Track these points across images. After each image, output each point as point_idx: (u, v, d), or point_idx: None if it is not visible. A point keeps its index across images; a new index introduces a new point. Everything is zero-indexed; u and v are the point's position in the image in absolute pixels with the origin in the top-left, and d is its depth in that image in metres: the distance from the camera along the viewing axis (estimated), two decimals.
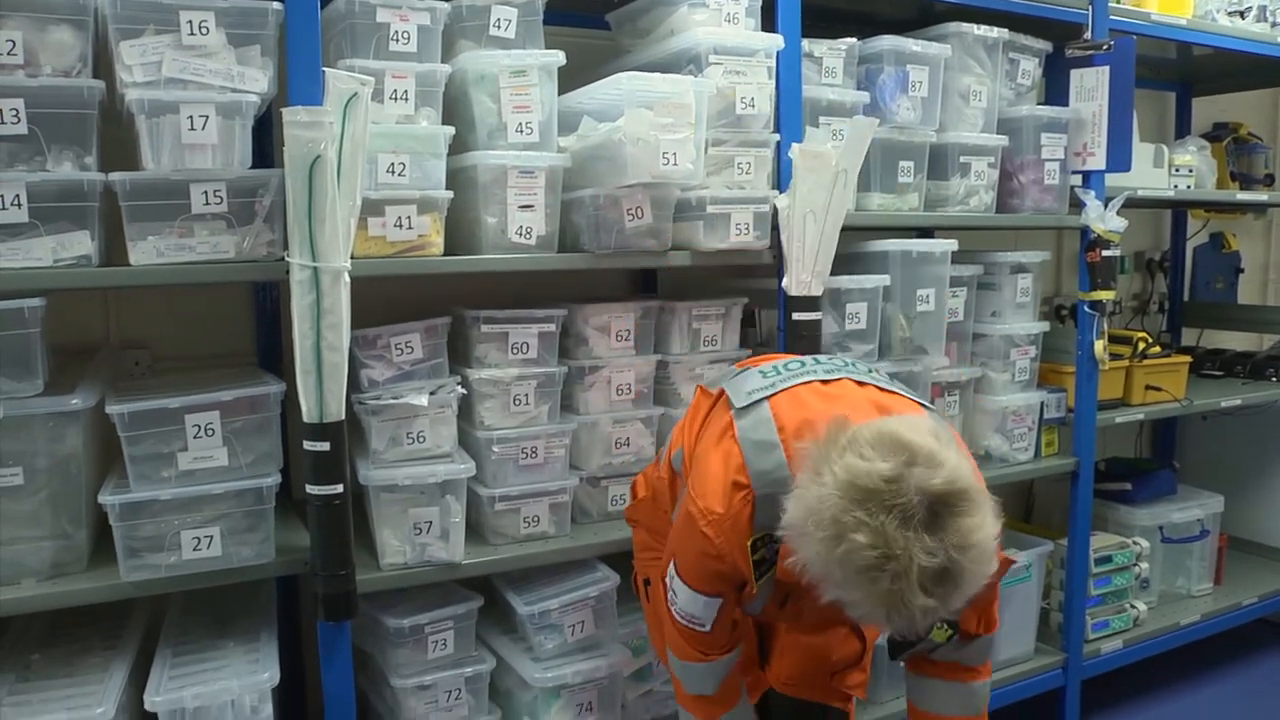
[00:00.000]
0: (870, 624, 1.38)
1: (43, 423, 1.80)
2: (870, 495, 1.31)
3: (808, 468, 1.40)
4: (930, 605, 1.31)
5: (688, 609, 1.64)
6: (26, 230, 1.74)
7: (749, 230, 2.26)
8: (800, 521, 1.36)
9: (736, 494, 1.54)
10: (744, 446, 1.56)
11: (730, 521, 1.54)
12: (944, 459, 1.34)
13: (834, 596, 1.37)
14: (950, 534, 1.31)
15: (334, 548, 1.90)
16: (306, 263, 1.78)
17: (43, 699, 1.81)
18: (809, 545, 1.35)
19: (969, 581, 1.33)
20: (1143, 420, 3.27)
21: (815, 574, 1.36)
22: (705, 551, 1.57)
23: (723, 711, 1.73)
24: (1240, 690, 3.43)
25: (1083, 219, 2.81)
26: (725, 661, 1.70)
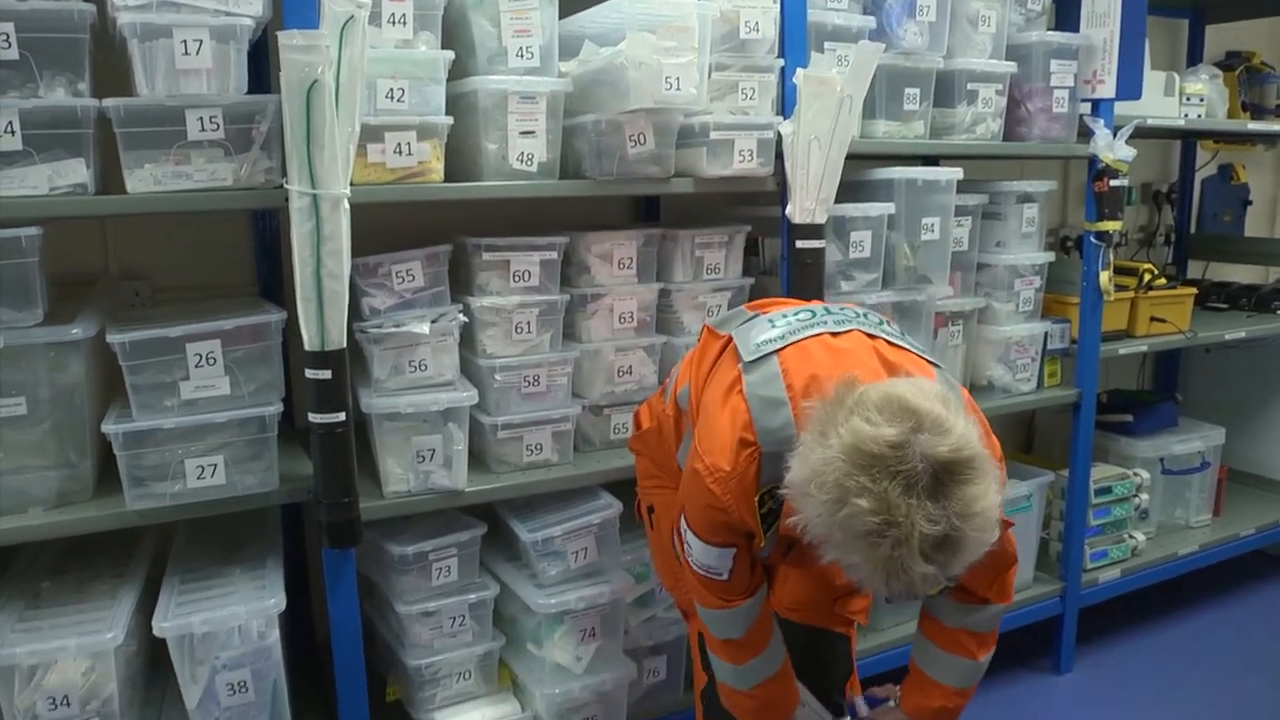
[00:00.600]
0: (868, 587, 1.37)
1: (44, 352, 1.80)
2: (875, 460, 1.30)
3: (813, 428, 1.39)
4: (930, 572, 1.30)
5: (703, 560, 1.65)
6: (21, 158, 1.73)
7: (752, 157, 2.24)
8: (803, 483, 1.36)
9: (743, 451, 1.53)
10: (751, 403, 1.55)
11: (737, 479, 1.54)
12: (951, 425, 1.33)
13: (834, 558, 1.37)
14: (954, 502, 1.30)
15: (337, 475, 1.90)
16: (305, 189, 1.76)
17: (53, 625, 1.83)
18: (811, 506, 1.35)
19: (970, 549, 1.32)
20: (1146, 352, 3.26)
21: (816, 535, 1.36)
22: (712, 505, 1.57)
23: (751, 656, 1.73)
24: (1236, 620, 3.47)
25: (1091, 148, 2.77)
26: (748, 607, 1.70)
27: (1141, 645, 3.30)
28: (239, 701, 1.90)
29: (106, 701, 1.80)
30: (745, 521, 1.57)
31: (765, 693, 1.76)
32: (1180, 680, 3.09)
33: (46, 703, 1.76)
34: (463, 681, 2.23)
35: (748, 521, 1.57)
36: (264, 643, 1.91)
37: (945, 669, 1.76)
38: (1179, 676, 3.11)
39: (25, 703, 1.76)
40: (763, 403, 1.54)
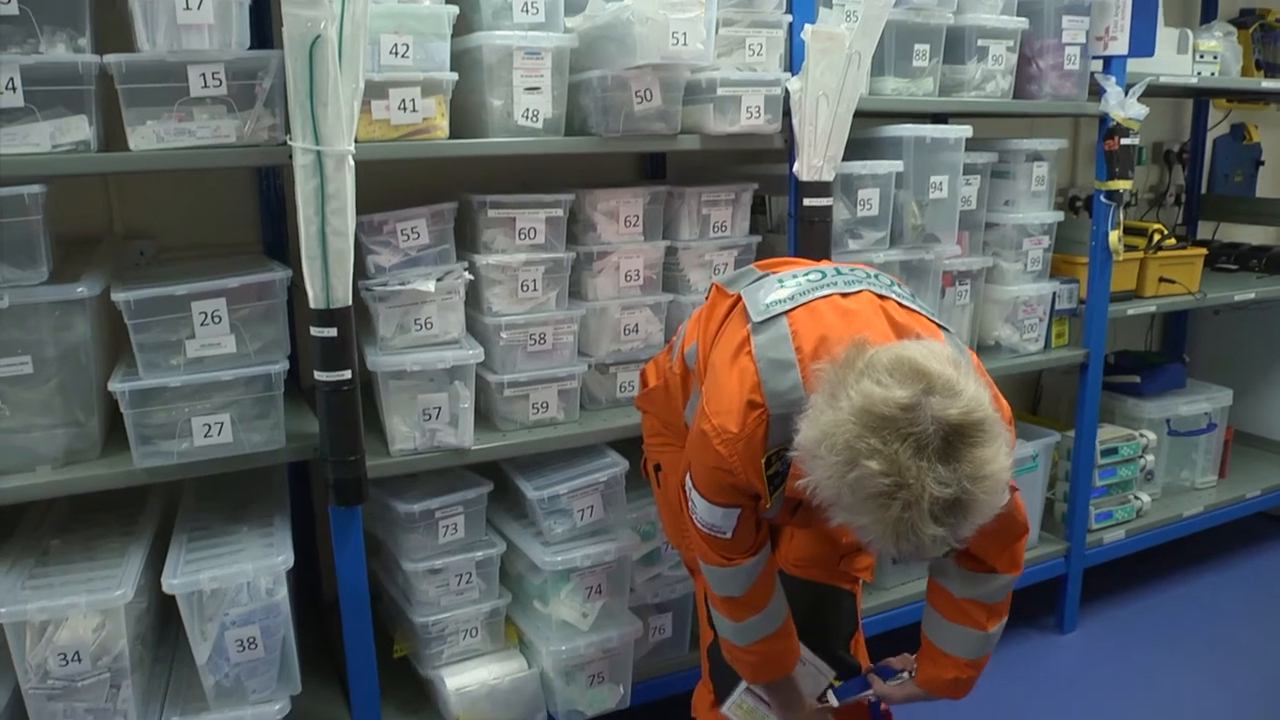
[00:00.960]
0: (877, 549, 1.37)
1: (49, 311, 1.80)
2: (885, 422, 1.29)
3: (823, 390, 1.38)
4: (939, 534, 1.30)
5: (707, 519, 1.65)
6: (23, 115, 1.71)
7: (760, 114, 2.22)
8: (813, 444, 1.35)
9: (751, 413, 1.52)
10: (760, 365, 1.53)
11: (744, 441, 1.53)
12: (962, 388, 1.32)
13: (843, 520, 1.37)
14: (964, 464, 1.29)
15: (344, 433, 1.91)
16: (309, 146, 1.75)
17: (63, 581, 1.84)
18: (820, 468, 1.34)
19: (980, 512, 1.32)
20: (1154, 313, 3.26)
21: (825, 497, 1.36)
22: (719, 467, 1.57)
23: (751, 614, 1.73)
24: (1239, 581, 3.49)
25: (1102, 105, 2.74)
26: (751, 565, 1.70)
27: (1145, 606, 3.32)
28: (248, 657, 1.92)
29: (117, 657, 1.81)
30: (751, 483, 1.57)
31: (764, 649, 1.77)
32: (1183, 640, 3.10)
33: (58, 658, 1.77)
34: (469, 638, 2.24)
35: (754, 483, 1.57)
36: (272, 599, 1.92)
37: (955, 641, 1.76)
38: (1182, 637, 3.13)
39: (37, 658, 1.77)
40: (771, 364, 1.53)
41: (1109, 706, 2.76)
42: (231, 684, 1.93)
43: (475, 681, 2.19)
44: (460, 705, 2.17)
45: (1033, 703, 2.78)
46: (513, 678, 2.22)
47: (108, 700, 1.83)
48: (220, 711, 1.92)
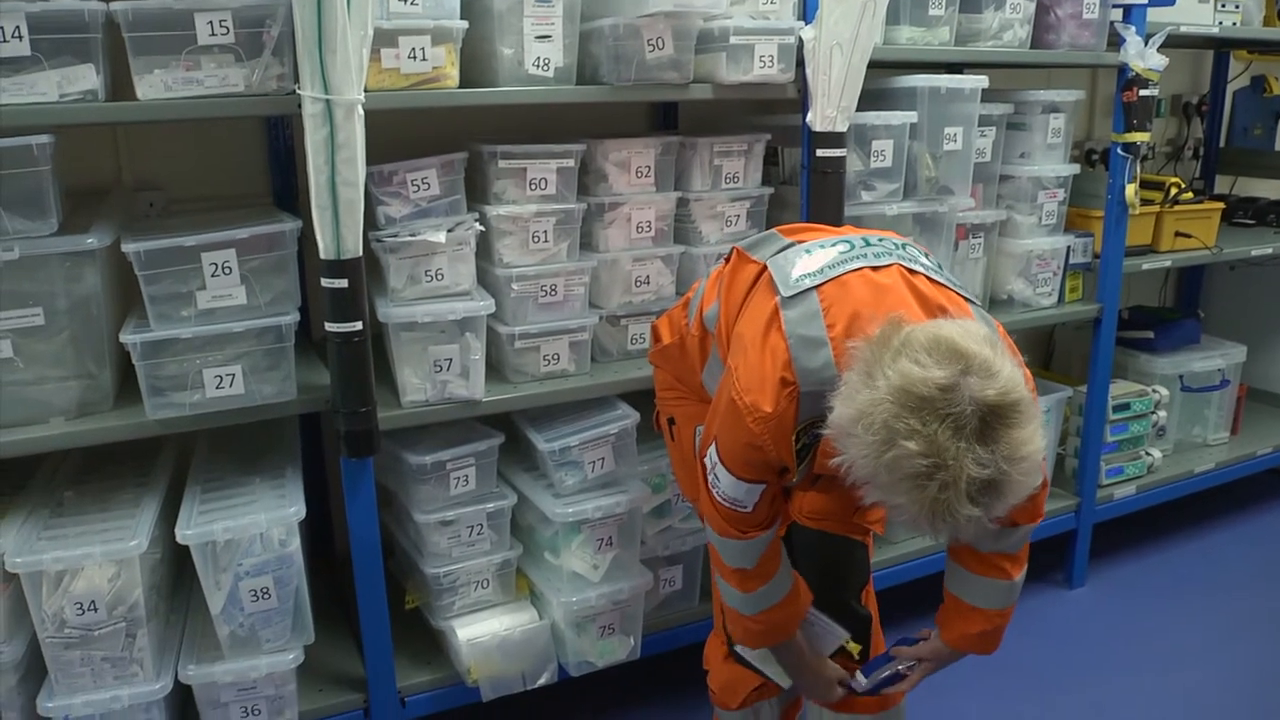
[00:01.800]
0: (912, 528, 1.37)
1: (59, 262, 1.80)
2: (924, 403, 1.28)
3: (858, 368, 1.38)
4: (975, 514, 1.30)
5: (731, 493, 1.64)
6: (29, 64, 1.70)
7: (773, 63, 2.19)
8: (848, 423, 1.34)
9: (783, 390, 1.52)
10: (791, 342, 1.52)
11: (777, 419, 1.53)
12: (999, 369, 1.31)
13: (877, 498, 1.37)
14: (1001, 445, 1.29)
15: (355, 385, 1.91)
16: (319, 95, 1.73)
17: (78, 532, 1.86)
18: (856, 447, 1.33)
19: (1015, 492, 1.32)
20: (1170, 268, 3.22)
21: (860, 476, 1.35)
22: (751, 444, 1.56)
23: (760, 584, 1.73)
24: (1250, 538, 3.49)
25: (1121, 55, 2.70)
26: (764, 538, 1.70)
27: (1154, 561, 3.33)
28: (262, 607, 1.94)
29: (133, 607, 1.83)
30: (782, 459, 1.57)
31: (770, 618, 1.77)
32: (1191, 596, 3.11)
33: (74, 608, 1.79)
34: (481, 590, 2.26)
35: (784, 459, 1.57)
36: (285, 550, 1.93)
37: (983, 593, 1.76)
38: (1190, 592, 3.13)
39: (54, 608, 1.79)
40: (802, 341, 1.52)
41: (1116, 661, 2.78)
42: (246, 634, 1.95)
43: (486, 632, 2.21)
44: (472, 656, 2.19)
45: (1040, 657, 2.79)
46: (524, 629, 2.23)
47: (124, 649, 1.85)
48: (235, 660, 1.95)
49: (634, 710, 2.55)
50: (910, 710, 2.06)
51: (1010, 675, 2.70)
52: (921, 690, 1.96)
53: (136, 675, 1.87)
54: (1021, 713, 2.56)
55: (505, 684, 2.24)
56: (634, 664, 2.36)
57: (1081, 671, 2.73)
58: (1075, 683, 2.67)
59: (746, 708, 2.04)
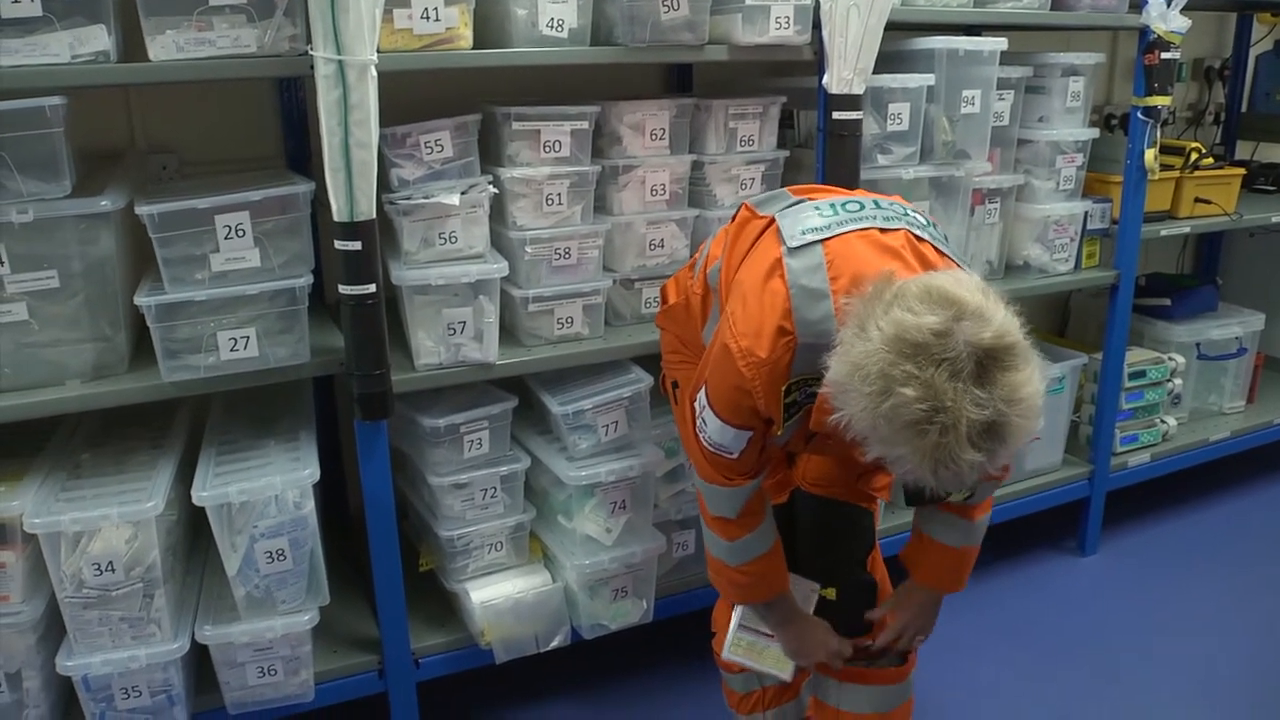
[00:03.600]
0: (915, 479, 1.37)
1: (73, 225, 1.79)
2: (919, 349, 1.28)
3: (852, 324, 1.37)
4: (977, 460, 1.29)
5: (717, 438, 1.64)
6: (41, 25, 1.69)
7: (789, 24, 2.16)
8: (845, 378, 1.34)
9: (780, 339, 1.51)
10: (793, 291, 1.51)
11: (770, 366, 1.52)
12: (992, 314, 1.32)
13: (879, 452, 1.36)
14: (999, 388, 1.29)
15: (368, 348, 1.91)
16: (331, 56, 1.72)
17: (95, 494, 1.87)
18: (854, 401, 1.33)
19: (1016, 436, 1.31)
20: (1189, 234, 3.19)
21: (860, 430, 1.35)
22: (740, 387, 1.55)
23: (743, 534, 1.74)
24: (1264, 507, 3.48)
25: (1143, 18, 2.66)
26: (749, 487, 1.70)
27: (1167, 530, 3.32)
28: (277, 569, 1.95)
29: (150, 568, 1.85)
30: (769, 409, 1.57)
31: (757, 569, 1.77)
32: (1204, 565, 3.11)
33: (92, 569, 1.81)
34: (494, 552, 2.27)
35: (771, 410, 1.56)
36: (300, 512, 1.94)
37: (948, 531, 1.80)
38: (1203, 561, 3.13)
39: (72, 568, 1.81)
40: (804, 292, 1.51)
41: (1128, 628, 2.78)
42: (261, 595, 1.96)
43: (500, 595, 2.22)
44: (485, 618, 2.20)
45: (1051, 623, 2.80)
46: (537, 591, 2.25)
47: (141, 609, 1.87)
48: (251, 621, 1.96)
49: (647, 673, 2.57)
50: (922, 676, 2.07)
51: (1021, 641, 2.71)
52: (933, 656, 1.97)
53: (154, 635, 1.89)
54: (1033, 679, 2.56)
55: (518, 646, 2.25)
56: (647, 627, 2.37)
57: (1093, 638, 2.73)
58: (1087, 649, 2.68)
59: (749, 670, 2.05)
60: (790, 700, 2.09)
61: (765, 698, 2.08)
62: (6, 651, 1.83)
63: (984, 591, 2.93)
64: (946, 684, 2.49)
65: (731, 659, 1.95)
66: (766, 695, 2.07)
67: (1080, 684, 2.54)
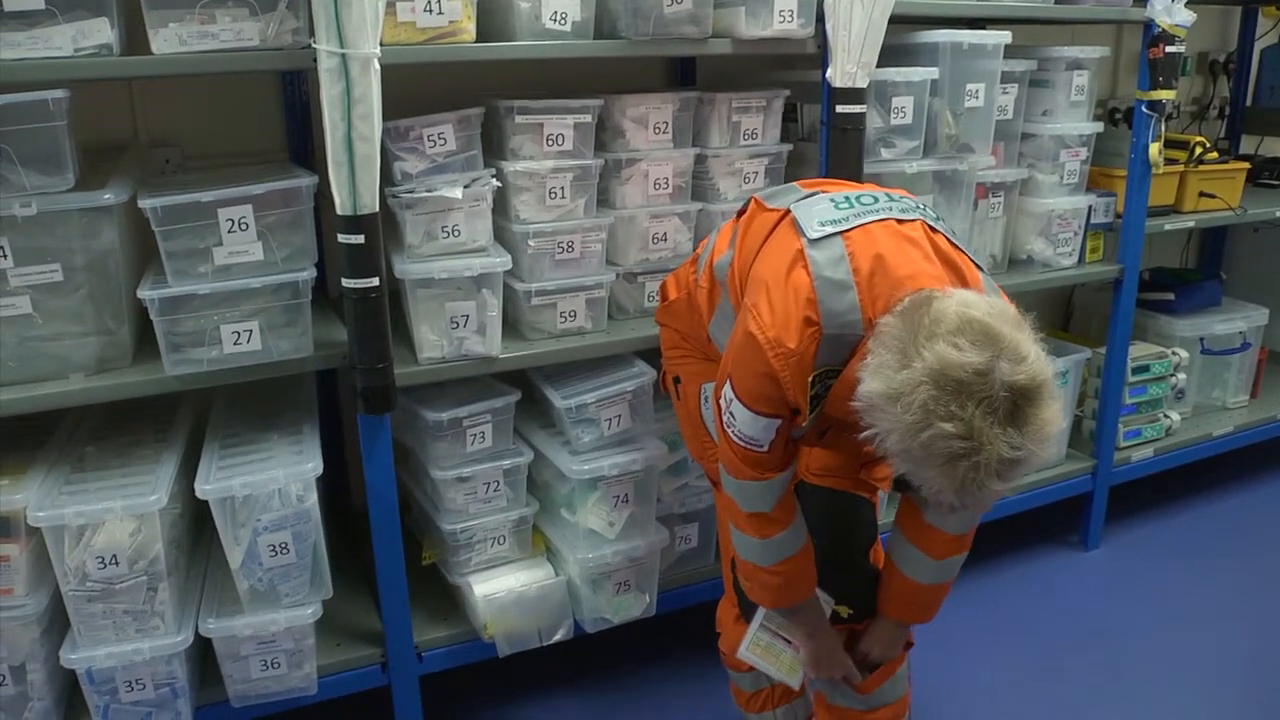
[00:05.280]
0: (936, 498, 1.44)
1: (77, 218, 1.79)
2: (961, 386, 1.34)
3: (891, 345, 1.42)
4: (1001, 489, 1.39)
5: (747, 431, 1.65)
6: (44, 18, 1.69)
7: (793, 17, 2.16)
8: (883, 401, 1.39)
9: (807, 330, 1.53)
10: (817, 283, 1.53)
11: (798, 357, 1.54)
12: (1026, 351, 1.39)
13: (907, 469, 1.43)
14: (1030, 426, 1.37)
15: (371, 341, 1.91)
16: (334, 49, 1.72)
17: (99, 488, 1.87)
18: (889, 422, 1.39)
19: (1035, 465, 1.41)
20: (1193, 228, 3.18)
21: (892, 450, 1.41)
22: (770, 377, 1.57)
23: (779, 530, 1.74)
24: (1267, 502, 3.47)
25: (1148, 11, 2.65)
26: (782, 479, 1.71)
27: (1170, 525, 3.32)
28: (280, 562, 1.95)
29: (154, 561, 1.85)
30: (796, 399, 1.58)
31: (789, 569, 1.77)
32: (1207, 560, 3.10)
33: (96, 562, 1.81)
34: (497, 546, 2.27)
35: (798, 399, 1.58)
36: (303, 506, 1.94)
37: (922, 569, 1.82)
38: (1206, 556, 3.12)
39: (76, 561, 1.81)
40: (828, 284, 1.53)
41: (1130, 623, 2.78)
42: (265, 588, 1.97)
43: (503, 588, 2.22)
44: (488, 611, 2.20)
45: (1054, 618, 2.80)
46: (540, 585, 2.25)
47: (145, 602, 1.87)
48: (254, 614, 1.97)
49: (649, 667, 2.57)
50: (922, 671, 2.07)
51: (1024, 636, 2.71)
52: (936, 651, 1.97)
53: (158, 628, 1.90)
54: (1035, 674, 2.56)
55: (521, 640, 2.26)
56: (649, 620, 2.37)
57: (1096, 633, 2.73)
58: (1089, 644, 2.68)
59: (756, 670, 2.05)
60: (799, 697, 2.10)
61: (774, 696, 2.08)
62: (11, 644, 1.84)
63: (986, 586, 2.93)
64: (948, 679, 2.49)
65: (746, 658, 1.94)
66: (775, 694, 2.08)
67: (1083, 679, 2.54)
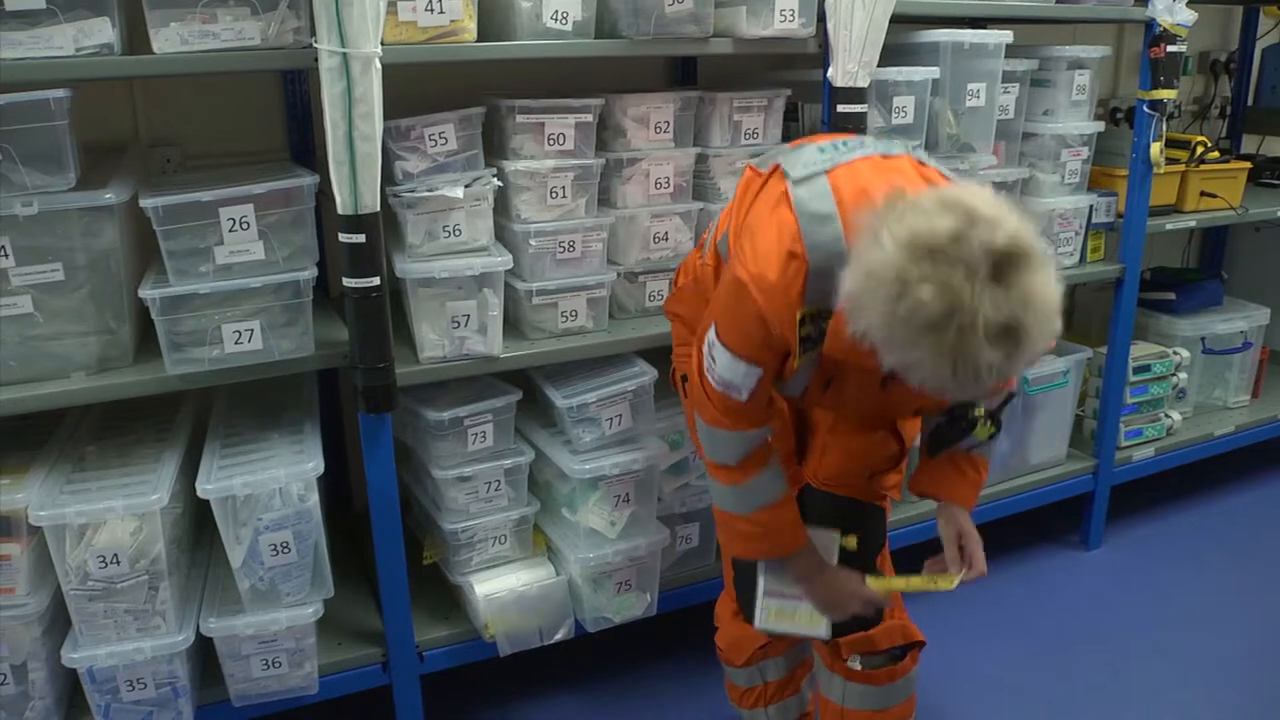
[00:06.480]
0: (933, 388, 1.35)
1: (78, 218, 1.79)
2: (934, 251, 1.27)
3: (865, 236, 1.36)
4: (995, 361, 1.28)
5: (726, 375, 1.63)
6: (45, 18, 1.69)
7: (794, 17, 2.16)
8: (860, 287, 1.33)
9: (791, 263, 1.51)
10: (800, 217, 1.52)
11: (782, 290, 1.52)
12: (1006, 218, 1.30)
13: (897, 360, 1.35)
14: (1015, 289, 1.27)
15: (373, 340, 1.91)
16: (335, 49, 1.72)
17: (100, 487, 1.87)
18: (870, 308, 1.32)
19: (1034, 340, 1.30)
20: (1194, 228, 3.18)
21: (877, 339, 1.34)
22: (752, 314, 1.55)
23: (745, 477, 1.71)
24: (1268, 502, 3.47)
25: (1149, 10, 2.65)
26: (753, 435, 1.69)
27: (1172, 524, 3.32)
28: (281, 562, 1.95)
29: (155, 560, 1.85)
30: (784, 337, 1.55)
31: (766, 518, 1.73)
32: (1209, 559, 3.10)
33: (97, 561, 1.81)
34: (498, 545, 2.27)
35: (786, 336, 1.55)
36: (304, 505, 1.94)
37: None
38: (1208, 555, 3.12)
39: (77, 560, 1.81)
40: (811, 217, 1.52)
41: (1132, 623, 2.77)
42: (266, 587, 1.97)
43: (504, 588, 2.23)
44: (489, 611, 2.20)
45: (1055, 618, 2.80)
46: (541, 584, 2.25)
47: (146, 602, 1.87)
48: (255, 614, 1.97)
49: (650, 666, 2.57)
50: (924, 670, 2.06)
51: (1025, 636, 2.71)
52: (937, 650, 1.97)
53: (159, 627, 1.90)
54: (1036, 673, 2.56)
55: (522, 639, 2.26)
56: (650, 620, 2.37)
57: (1097, 633, 2.73)
58: (1090, 644, 2.68)
59: (751, 665, 2.06)
60: (792, 695, 2.10)
61: (767, 693, 2.08)
62: (12, 643, 1.84)
63: (988, 586, 2.90)
64: (950, 678, 2.49)
65: (765, 629, 1.88)
66: (768, 690, 2.08)
67: (1084, 678, 2.54)
